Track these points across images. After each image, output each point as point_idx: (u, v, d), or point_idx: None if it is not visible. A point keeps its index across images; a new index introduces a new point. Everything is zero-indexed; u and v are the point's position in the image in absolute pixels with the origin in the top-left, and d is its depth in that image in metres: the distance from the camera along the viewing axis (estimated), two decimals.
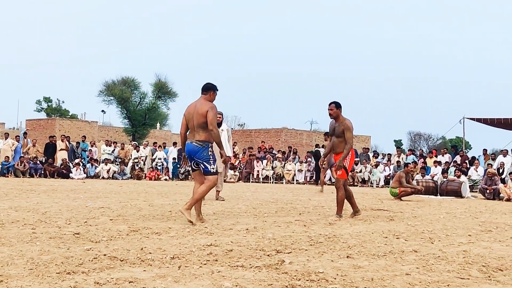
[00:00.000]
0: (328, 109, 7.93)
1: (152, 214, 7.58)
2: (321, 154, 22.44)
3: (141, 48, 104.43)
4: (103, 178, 20.98)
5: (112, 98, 45.76)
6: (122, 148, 24.02)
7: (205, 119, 6.53)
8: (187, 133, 6.90)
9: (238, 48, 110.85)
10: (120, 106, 46.21)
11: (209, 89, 6.81)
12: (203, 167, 6.68)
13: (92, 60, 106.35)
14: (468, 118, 24.27)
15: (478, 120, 24.35)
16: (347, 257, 4.57)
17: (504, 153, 21.11)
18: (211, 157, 6.67)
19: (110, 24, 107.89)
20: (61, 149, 22.09)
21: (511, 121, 23.34)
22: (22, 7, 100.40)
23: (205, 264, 4.03)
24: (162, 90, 46.80)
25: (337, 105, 7.93)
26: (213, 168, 6.70)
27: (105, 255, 4.25)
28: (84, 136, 25.71)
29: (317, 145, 25.54)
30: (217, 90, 6.90)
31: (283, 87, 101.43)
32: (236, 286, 3.36)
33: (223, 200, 10.83)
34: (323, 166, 15.08)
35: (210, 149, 6.69)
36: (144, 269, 3.80)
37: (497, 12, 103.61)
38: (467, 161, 21.41)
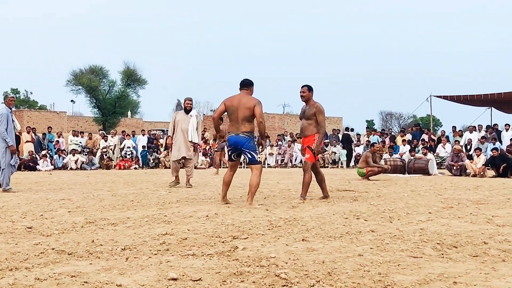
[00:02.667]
0: (300, 92, 7.98)
1: (113, 204, 7.45)
2: (351, 137, 22.73)
3: (108, 36, 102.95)
4: (71, 169, 20.65)
5: (80, 87, 45.18)
6: (90, 138, 23.66)
7: (252, 113, 7.11)
8: (228, 125, 7.41)
9: (208, 33, 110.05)
10: (89, 95, 45.69)
11: (249, 85, 7.38)
12: (250, 156, 7.22)
13: (59, 49, 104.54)
14: (435, 96, 24.51)
15: (445, 97, 24.59)
16: (303, 240, 4.53)
17: (471, 129, 21.38)
18: (256, 147, 7.29)
19: (75, 12, 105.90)
20: (27, 141, 21.63)
21: (477, 98, 23.65)
22: None
23: (155, 254, 3.94)
24: (131, 78, 46.36)
25: (309, 88, 7.96)
26: (259, 158, 7.38)
27: (53, 249, 4.13)
28: (50, 127, 25.24)
29: (346, 129, 25.69)
30: (253, 85, 7.47)
31: (255, 70, 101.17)
32: (183, 275, 3.28)
33: (191, 187, 10.78)
34: (216, 149, 15.42)
35: (254, 139, 7.34)
36: (90, 262, 3.70)
37: None
38: (434, 139, 21.65)
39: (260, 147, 7.68)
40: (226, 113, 7.44)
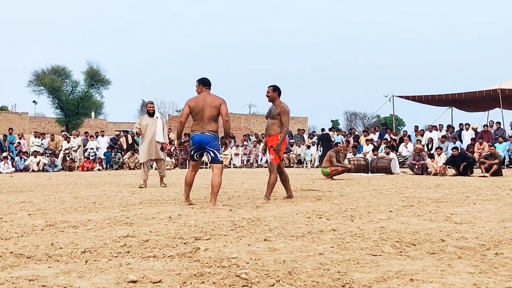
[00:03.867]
0: (266, 92, 8.00)
1: (74, 206, 7.35)
2: (331, 137, 22.23)
3: (71, 35, 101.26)
4: (33, 171, 20.28)
5: (42, 88, 44.39)
6: (52, 139, 23.25)
7: (217, 112, 7.15)
8: (192, 124, 7.38)
9: (173, 33, 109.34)
10: (51, 96, 44.92)
11: (210, 84, 7.43)
12: (212, 155, 7.21)
13: (20, 49, 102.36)
14: (397, 96, 24.90)
15: (407, 97, 25.00)
16: (265, 240, 4.55)
17: (430, 128, 21.81)
18: (219, 146, 7.29)
19: (37, 11, 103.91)
20: None
21: (438, 98, 24.12)
22: None
23: (115, 256, 3.91)
24: (95, 78, 45.79)
25: (274, 88, 8.01)
26: (221, 157, 7.30)
27: (11, 252, 4.06)
28: (11, 129, 24.70)
29: (323, 129, 25.11)
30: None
31: (220, 71, 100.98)
32: (143, 278, 3.26)
33: (165, 186, 11.13)
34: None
35: (219, 139, 7.36)
36: (49, 265, 3.65)
37: None
38: (396, 138, 22.00)
39: (224, 147, 7.67)
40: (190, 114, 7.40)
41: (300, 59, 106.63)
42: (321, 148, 21.55)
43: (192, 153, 7.42)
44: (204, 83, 7.39)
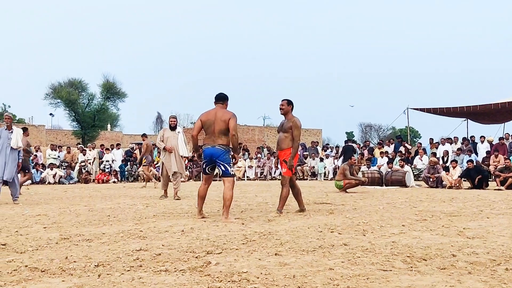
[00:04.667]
0: (280, 105, 8.09)
1: (89, 219, 7.44)
2: (354, 148, 22.13)
3: (87, 49, 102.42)
4: (49, 183, 20.50)
5: (59, 100, 44.84)
6: (68, 152, 23.51)
7: (227, 126, 7.19)
8: (204, 138, 7.48)
9: (188, 48, 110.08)
10: (68, 109, 45.33)
11: (225, 99, 7.51)
12: (223, 169, 7.26)
13: (37, 62, 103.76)
14: (412, 108, 24.83)
15: (422, 109, 24.92)
16: (276, 254, 4.58)
17: (442, 141, 21.70)
18: (230, 160, 7.31)
19: (55, 25, 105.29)
20: None
21: (453, 110, 24.00)
22: None
23: (128, 270, 3.97)
24: (111, 91, 46.14)
25: (289, 102, 8.10)
26: (232, 171, 7.34)
27: (26, 266, 4.13)
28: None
29: (346, 141, 25.14)
30: (228, 99, 7.59)
31: (235, 84, 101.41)
32: None
33: (179, 199, 11.24)
34: (144, 163, 16.02)
35: (230, 152, 7.34)
36: (63, 279, 3.71)
37: (439, 5, 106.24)
38: (411, 151, 21.90)
39: (233, 160, 7.71)
40: (202, 128, 7.49)
41: (314, 68, 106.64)
42: (343, 160, 21.47)
43: (204, 166, 7.48)
44: (216, 98, 7.51)
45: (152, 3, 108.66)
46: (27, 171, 13.68)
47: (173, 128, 11.58)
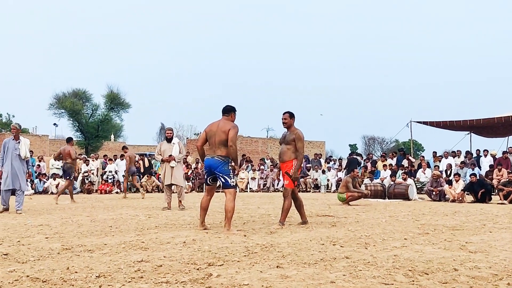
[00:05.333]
0: (282, 118, 8.12)
1: (91, 230, 7.44)
2: (358, 161, 22.16)
3: (91, 59, 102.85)
4: (51, 193, 20.48)
5: (63, 111, 44.97)
6: None
7: (227, 137, 7.16)
8: (206, 149, 7.51)
9: (191, 58, 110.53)
10: (72, 119, 45.44)
11: (230, 111, 7.51)
12: (223, 180, 7.24)
13: (42, 72, 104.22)
14: (415, 122, 24.80)
15: (425, 123, 24.87)
16: (277, 267, 4.58)
17: (446, 155, 21.66)
18: (231, 171, 7.28)
19: (59, 35, 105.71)
20: None
21: (456, 123, 23.96)
22: None
23: (129, 282, 3.97)
24: (115, 102, 46.24)
25: (291, 115, 8.12)
26: (233, 182, 7.30)
27: (28, 276, 4.14)
28: (31, 151, 25.02)
29: (350, 153, 25.23)
30: (236, 111, 7.59)
31: (238, 95, 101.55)
32: None
33: (184, 208, 11.47)
34: (123, 174, 16.33)
35: (230, 163, 7.28)
36: None
37: (442, 17, 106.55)
38: (414, 164, 21.85)
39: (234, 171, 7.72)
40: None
41: (317, 80, 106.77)
42: (347, 172, 21.38)
43: (206, 177, 7.52)
44: (223, 111, 7.55)
45: (157, 14, 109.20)
46: (68, 177, 14.42)
47: (169, 140, 11.84)
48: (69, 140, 14.82)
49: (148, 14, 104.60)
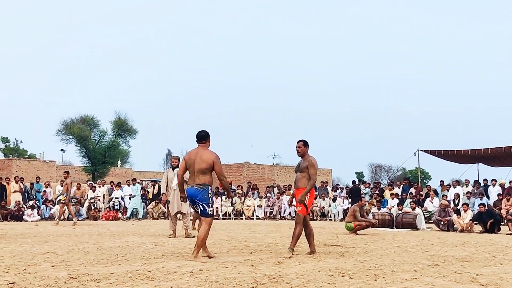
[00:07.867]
0: (296, 147, 8.24)
1: (97, 258, 7.40)
2: (361, 190, 22.05)
3: (99, 86, 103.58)
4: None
5: (70, 136, 45.16)
6: (78, 188, 23.49)
7: (207, 166, 7.18)
8: (187, 178, 7.54)
9: (197, 84, 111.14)
10: (79, 145, 45.61)
11: (205, 137, 7.51)
12: (201, 208, 7.24)
13: (50, 98, 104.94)
14: (422, 151, 24.72)
15: (432, 152, 24.79)
16: None
17: (454, 184, 21.51)
18: (210, 200, 7.26)
19: (67, 61, 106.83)
20: (15, 191, 21.52)
21: (464, 153, 23.86)
22: None
23: None
24: (122, 128, 46.43)
25: (305, 144, 8.27)
26: (210, 211, 7.30)
27: None
28: (38, 177, 25.10)
29: (353, 182, 25.14)
30: (209, 135, 7.57)
31: (244, 122, 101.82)
32: None
33: (191, 235, 11.32)
34: (63, 201, 17.22)
35: (210, 191, 7.28)
36: None
37: (447, 42, 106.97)
38: (422, 193, 21.71)
39: (229, 199, 7.82)
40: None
41: (324, 106, 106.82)
42: (351, 201, 21.21)
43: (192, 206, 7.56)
44: (197, 137, 7.52)
45: (165, 41, 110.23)
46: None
47: (174, 168, 11.94)
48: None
49: (159, 41, 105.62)
